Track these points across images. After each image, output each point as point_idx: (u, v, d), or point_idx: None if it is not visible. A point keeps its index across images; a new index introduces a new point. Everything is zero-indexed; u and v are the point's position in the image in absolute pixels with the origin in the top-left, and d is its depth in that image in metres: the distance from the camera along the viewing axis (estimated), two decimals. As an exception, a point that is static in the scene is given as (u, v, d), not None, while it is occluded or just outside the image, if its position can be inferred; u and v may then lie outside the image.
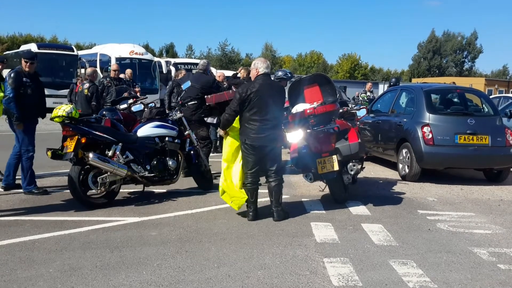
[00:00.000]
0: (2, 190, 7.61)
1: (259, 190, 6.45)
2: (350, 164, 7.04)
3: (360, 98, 18.19)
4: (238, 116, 6.39)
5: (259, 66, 6.42)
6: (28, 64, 7.39)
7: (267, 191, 6.53)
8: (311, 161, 6.82)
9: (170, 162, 7.45)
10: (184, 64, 28.51)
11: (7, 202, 6.97)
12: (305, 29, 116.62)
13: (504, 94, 25.44)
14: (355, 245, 5.44)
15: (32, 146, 7.48)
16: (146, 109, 8.39)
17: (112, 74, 10.92)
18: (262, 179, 6.58)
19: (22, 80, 7.33)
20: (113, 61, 23.56)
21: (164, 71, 27.80)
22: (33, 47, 25.35)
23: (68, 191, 6.86)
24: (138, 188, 7.61)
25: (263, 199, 6.80)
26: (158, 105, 8.87)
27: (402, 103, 10.83)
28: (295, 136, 6.87)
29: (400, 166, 9.74)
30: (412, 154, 9.24)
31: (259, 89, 6.21)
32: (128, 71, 13.74)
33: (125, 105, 8.93)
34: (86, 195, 6.76)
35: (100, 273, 4.43)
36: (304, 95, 7.47)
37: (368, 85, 19.33)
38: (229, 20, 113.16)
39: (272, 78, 8.20)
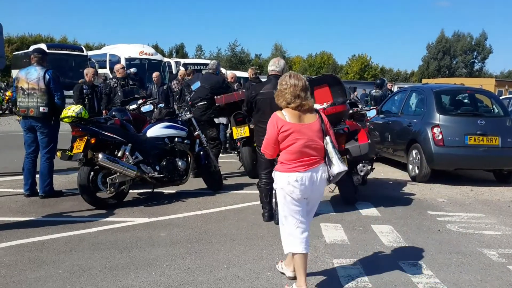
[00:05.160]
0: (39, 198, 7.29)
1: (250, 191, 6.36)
2: (360, 165, 7.03)
3: (365, 98, 18.68)
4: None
5: (269, 66, 6.27)
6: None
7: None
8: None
9: (179, 163, 7.44)
10: (194, 64, 28.54)
11: (16, 203, 7.00)
12: (315, 29, 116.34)
13: (514, 95, 25.28)
14: (365, 246, 5.41)
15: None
16: (155, 109, 8.40)
17: (117, 74, 10.85)
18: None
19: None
20: (122, 62, 23.58)
21: (174, 71, 27.86)
22: (43, 47, 25.46)
23: (77, 191, 6.89)
24: (148, 188, 7.63)
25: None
26: None
27: (412, 104, 10.79)
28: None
29: (410, 167, 9.70)
30: (422, 155, 9.20)
31: (263, 91, 6.07)
32: (155, 73, 13.73)
33: (134, 106, 8.95)
34: (95, 196, 6.77)
35: (109, 274, 4.44)
36: (313, 96, 7.45)
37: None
38: (239, 21, 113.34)
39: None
